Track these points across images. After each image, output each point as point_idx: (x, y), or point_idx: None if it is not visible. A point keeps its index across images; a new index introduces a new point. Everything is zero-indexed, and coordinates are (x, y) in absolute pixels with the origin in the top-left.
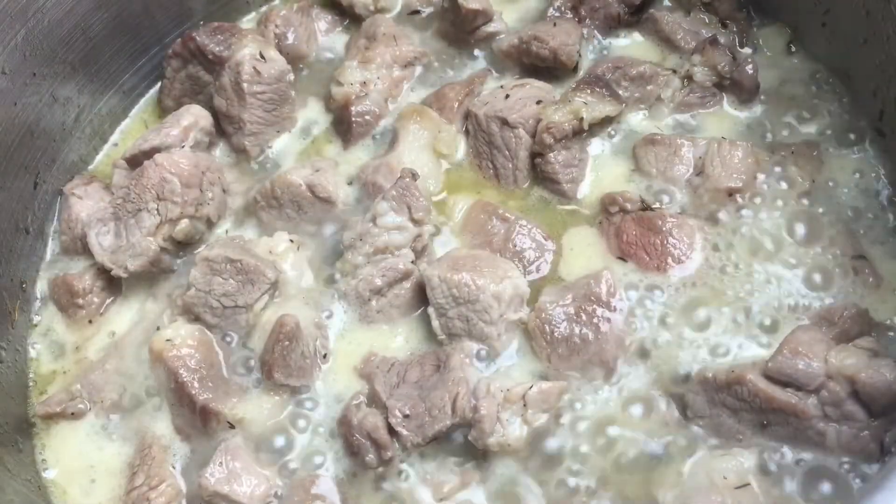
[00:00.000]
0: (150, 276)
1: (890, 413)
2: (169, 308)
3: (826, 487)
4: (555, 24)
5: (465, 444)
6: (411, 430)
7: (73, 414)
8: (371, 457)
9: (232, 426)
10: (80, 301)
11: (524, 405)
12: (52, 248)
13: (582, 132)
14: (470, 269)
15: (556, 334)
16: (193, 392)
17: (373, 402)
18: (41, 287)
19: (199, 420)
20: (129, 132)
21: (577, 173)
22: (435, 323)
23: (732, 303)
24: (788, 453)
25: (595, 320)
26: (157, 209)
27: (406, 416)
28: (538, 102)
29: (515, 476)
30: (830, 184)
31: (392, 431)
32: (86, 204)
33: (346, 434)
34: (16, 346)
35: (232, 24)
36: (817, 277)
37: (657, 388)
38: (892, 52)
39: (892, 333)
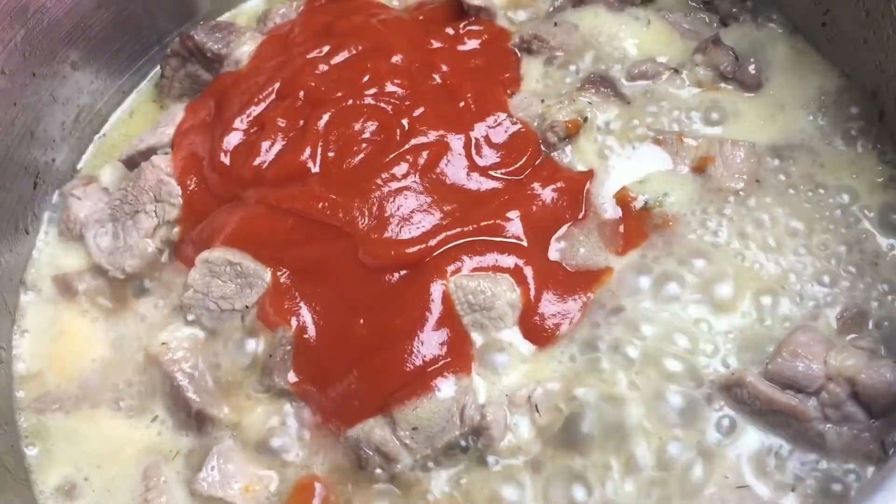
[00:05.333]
0: (148, 277)
1: (890, 414)
2: (166, 310)
3: (826, 487)
4: (555, 24)
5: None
6: (420, 441)
7: (68, 413)
8: (380, 470)
9: (228, 429)
10: (79, 301)
11: (530, 407)
12: (51, 248)
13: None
14: (485, 276)
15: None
16: (189, 396)
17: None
18: (41, 287)
19: (195, 423)
20: (130, 132)
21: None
22: None
23: (734, 303)
24: (788, 453)
25: (595, 320)
26: (155, 211)
27: (414, 429)
28: (543, 101)
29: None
30: (831, 184)
31: (401, 443)
32: (84, 205)
33: (354, 447)
34: (14, 345)
35: (230, 22)
36: (818, 277)
37: (660, 387)
38: (892, 52)
39: (891, 333)
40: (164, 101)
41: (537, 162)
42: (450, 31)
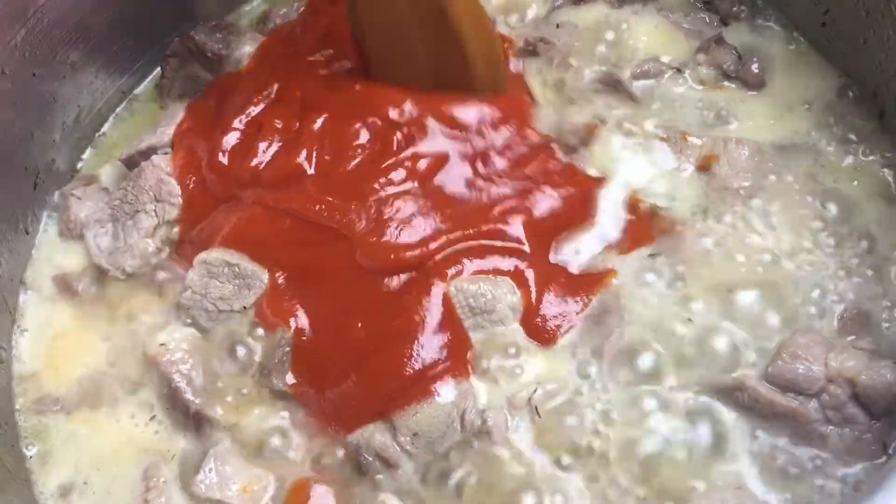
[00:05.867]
0: (147, 278)
1: (891, 415)
2: (164, 311)
3: (827, 488)
4: (558, 26)
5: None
6: (420, 447)
7: (68, 414)
8: (381, 476)
9: (225, 431)
10: (79, 301)
11: (530, 409)
12: (51, 248)
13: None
14: (486, 279)
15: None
16: (187, 397)
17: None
18: (41, 287)
19: (192, 424)
20: (130, 132)
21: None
22: None
23: (737, 303)
24: (789, 455)
25: (598, 321)
26: (155, 210)
27: (415, 434)
28: (551, 105)
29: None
30: (832, 184)
31: (401, 449)
32: (84, 205)
33: (354, 453)
34: (14, 345)
35: (231, 23)
36: (820, 278)
37: (662, 388)
38: (892, 52)
39: (891, 334)
40: (164, 101)
41: (545, 166)
42: None
